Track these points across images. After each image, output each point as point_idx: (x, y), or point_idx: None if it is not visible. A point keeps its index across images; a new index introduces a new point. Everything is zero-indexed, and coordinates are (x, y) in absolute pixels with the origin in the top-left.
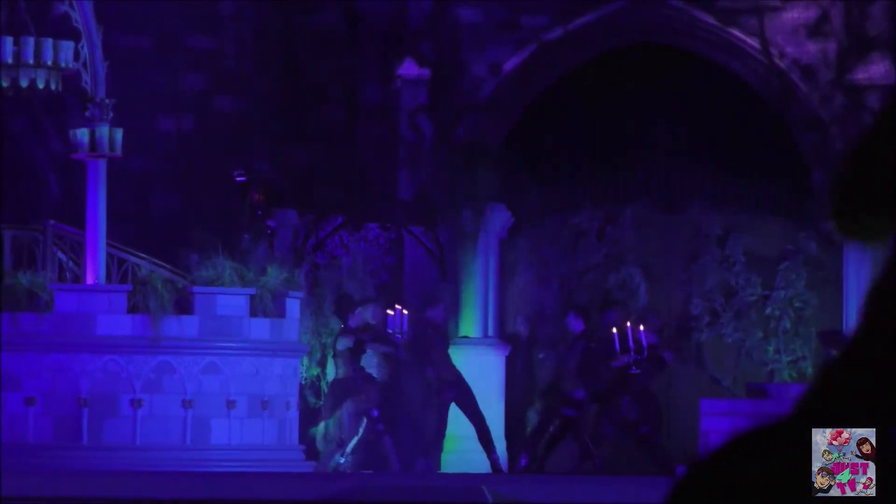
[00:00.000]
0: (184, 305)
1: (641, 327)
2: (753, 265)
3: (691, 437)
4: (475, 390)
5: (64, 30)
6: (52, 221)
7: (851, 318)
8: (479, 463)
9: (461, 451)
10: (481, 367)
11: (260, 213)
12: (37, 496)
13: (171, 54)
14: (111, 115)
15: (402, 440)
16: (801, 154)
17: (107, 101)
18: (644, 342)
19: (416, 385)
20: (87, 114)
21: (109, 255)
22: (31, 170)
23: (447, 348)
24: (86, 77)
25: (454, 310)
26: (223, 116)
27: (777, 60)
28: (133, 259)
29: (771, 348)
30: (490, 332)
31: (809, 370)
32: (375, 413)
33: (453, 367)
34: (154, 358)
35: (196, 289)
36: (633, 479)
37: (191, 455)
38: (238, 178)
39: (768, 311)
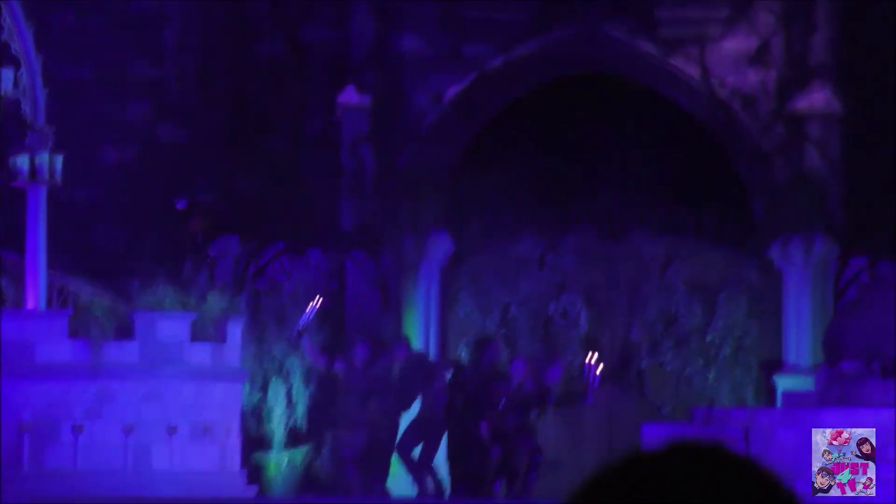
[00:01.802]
0: (125, 331)
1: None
2: (694, 293)
3: None
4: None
5: (2, 57)
6: None
7: (791, 346)
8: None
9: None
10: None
11: (201, 240)
12: None
13: (113, 84)
14: (51, 142)
15: None
16: (742, 183)
17: (46, 127)
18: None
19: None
20: (27, 141)
21: (50, 282)
22: None
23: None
24: (25, 104)
25: (396, 335)
26: (166, 146)
27: (717, 90)
28: (74, 285)
29: (711, 376)
30: (431, 357)
31: (749, 398)
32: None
33: None
34: (95, 383)
35: (137, 313)
36: None
37: (132, 480)
38: (179, 206)
39: (708, 338)
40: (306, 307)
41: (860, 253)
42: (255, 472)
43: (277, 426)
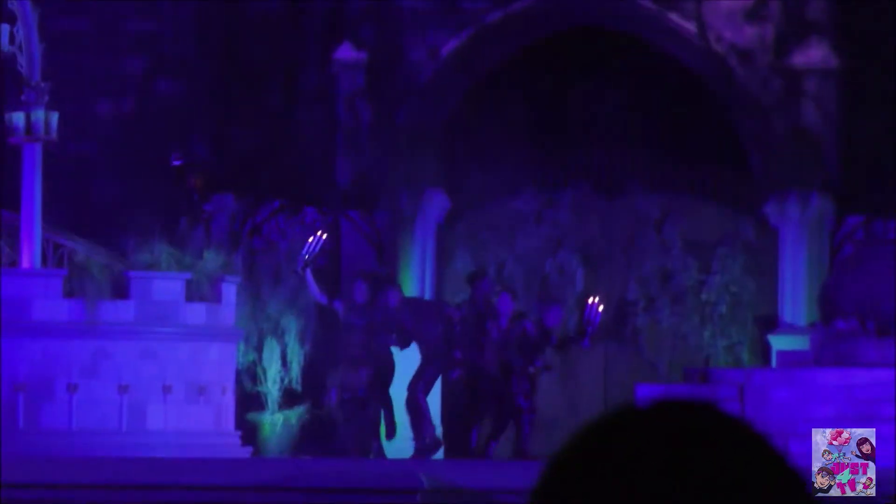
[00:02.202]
0: (120, 290)
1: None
2: (690, 250)
3: None
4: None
5: None
6: None
7: (787, 304)
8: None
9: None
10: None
11: (197, 197)
12: None
13: (109, 37)
14: (47, 98)
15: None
16: (739, 139)
17: (42, 84)
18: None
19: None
20: (23, 97)
21: (45, 240)
22: None
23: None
24: (21, 60)
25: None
26: (162, 100)
27: (714, 44)
28: (69, 243)
29: (707, 333)
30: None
31: (745, 356)
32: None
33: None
34: (90, 342)
35: (132, 273)
36: None
37: (127, 440)
38: (174, 162)
39: (704, 296)
40: (309, 239)
41: (857, 211)
42: (250, 433)
43: (273, 386)
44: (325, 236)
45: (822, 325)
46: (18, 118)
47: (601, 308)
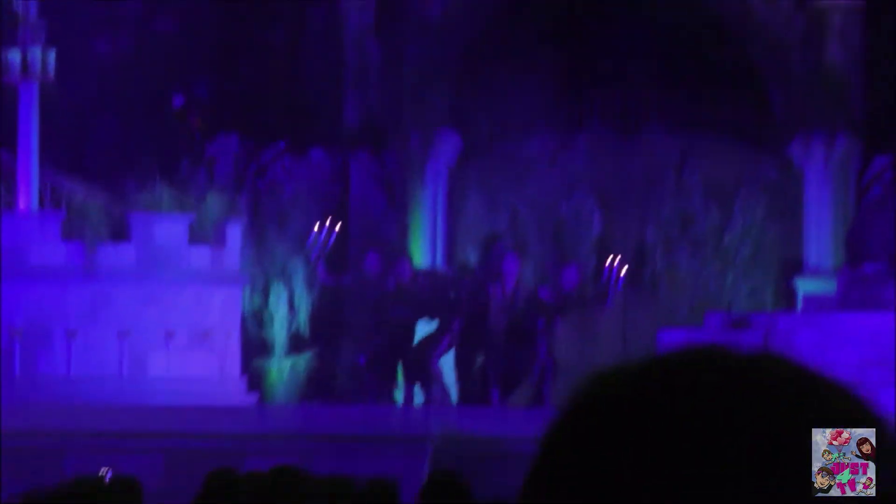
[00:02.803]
0: (120, 233)
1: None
2: (711, 192)
3: None
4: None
5: None
6: None
7: (812, 247)
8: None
9: None
10: None
11: (199, 137)
12: None
13: None
14: (44, 35)
15: None
16: (761, 78)
17: (39, 21)
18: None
19: None
20: (19, 35)
21: (43, 181)
22: None
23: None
24: None
25: (401, 237)
26: (163, 37)
27: None
28: (67, 185)
29: (729, 278)
30: (438, 261)
31: (769, 300)
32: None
33: None
34: (89, 287)
35: (133, 215)
36: None
37: (128, 387)
38: (176, 102)
39: (726, 239)
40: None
41: (884, 151)
42: (255, 379)
43: (279, 331)
44: (338, 226)
45: (849, 269)
46: (14, 56)
47: (624, 269)
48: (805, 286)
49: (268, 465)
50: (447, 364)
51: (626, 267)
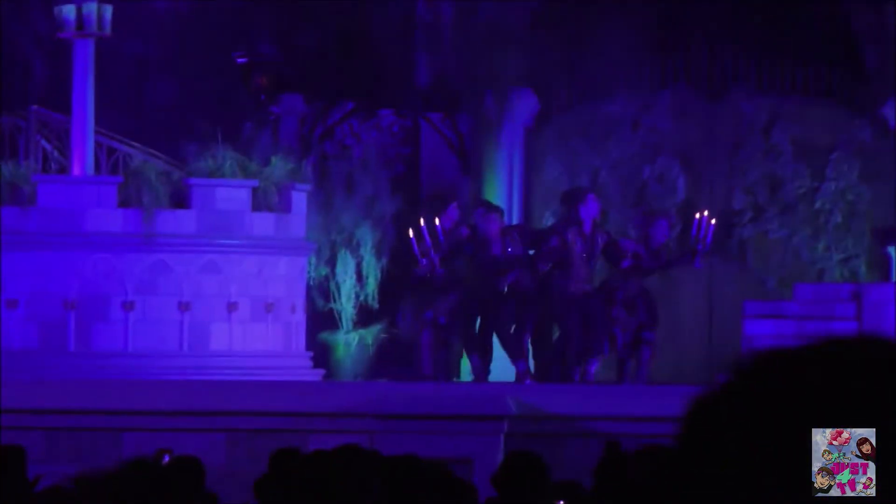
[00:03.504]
0: (180, 199)
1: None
2: (801, 155)
3: (733, 341)
4: None
5: None
6: (35, 107)
7: None
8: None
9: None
10: None
11: (263, 98)
12: (20, 408)
13: None
14: None
15: None
16: (853, 34)
17: None
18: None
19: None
20: None
21: (98, 144)
22: (13, 51)
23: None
24: None
25: (475, 203)
26: None
27: None
28: (124, 148)
29: (820, 245)
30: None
31: (862, 269)
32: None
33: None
34: (148, 256)
35: (193, 181)
36: (668, 389)
37: (188, 362)
38: (239, 60)
39: (818, 204)
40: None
41: None
42: (322, 354)
43: (347, 303)
44: (437, 222)
45: None
46: (69, 11)
47: (713, 222)
48: None
49: (334, 444)
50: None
51: (713, 222)
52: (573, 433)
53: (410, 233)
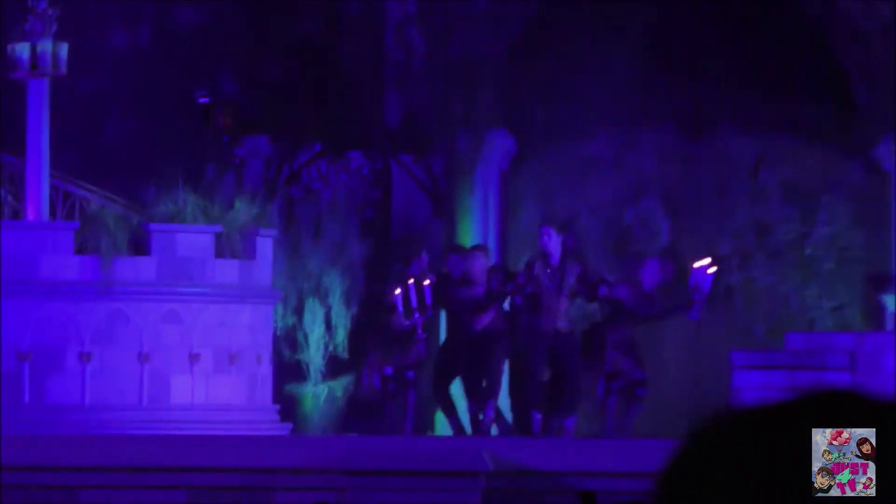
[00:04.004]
0: (139, 245)
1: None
2: (791, 198)
3: (720, 392)
4: None
5: None
6: None
7: None
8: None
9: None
10: None
11: (226, 139)
12: None
13: None
14: (55, 27)
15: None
16: (843, 70)
17: (50, 11)
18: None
19: None
20: (27, 26)
21: (54, 188)
22: None
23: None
24: None
25: (450, 247)
26: (185, 29)
27: None
28: (81, 192)
29: (811, 293)
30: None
31: (855, 318)
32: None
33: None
34: (105, 305)
35: (153, 226)
36: (651, 443)
37: (148, 416)
38: (201, 100)
39: (808, 250)
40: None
41: None
42: (289, 407)
43: (315, 354)
44: (426, 283)
45: None
46: (22, 50)
47: (711, 270)
48: (894, 302)
49: (302, 501)
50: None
51: (712, 271)
52: (553, 489)
53: (398, 291)
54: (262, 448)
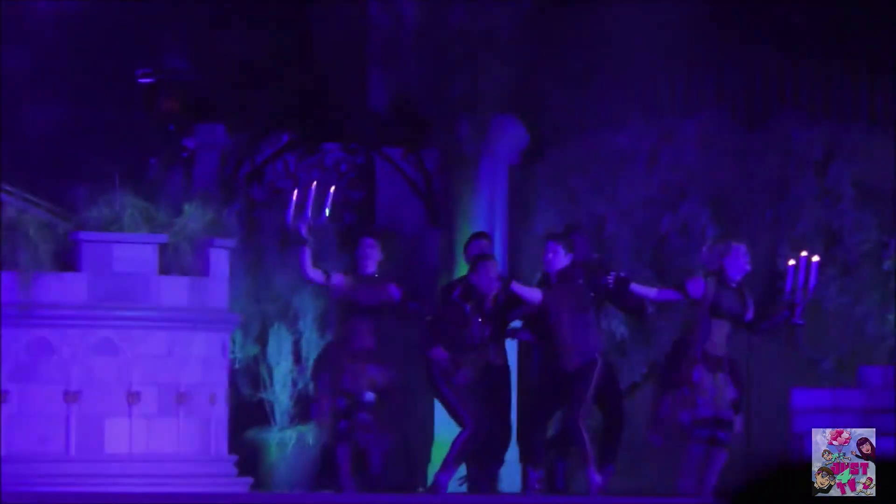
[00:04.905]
0: (67, 259)
1: None
2: (866, 201)
3: (778, 440)
4: None
5: None
6: None
7: None
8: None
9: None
10: None
11: (173, 127)
12: None
13: None
14: None
15: None
16: None
17: None
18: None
19: None
20: None
21: None
22: None
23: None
24: None
25: (447, 263)
26: None
27: None
28: None
29: (892, 316)
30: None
31: None
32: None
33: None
34: (25, 333)
35: (84, 235)
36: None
37: (76, 469)
38: (143, 80)
39: (886, 265)
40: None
41: None
42: (249, 457)
43: (281, 392)
44: (332, 189)
45: None
46: None
47: (815, 259)
48: None
49: None
50: None
51: (816, 260)
52: None
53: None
54: None
